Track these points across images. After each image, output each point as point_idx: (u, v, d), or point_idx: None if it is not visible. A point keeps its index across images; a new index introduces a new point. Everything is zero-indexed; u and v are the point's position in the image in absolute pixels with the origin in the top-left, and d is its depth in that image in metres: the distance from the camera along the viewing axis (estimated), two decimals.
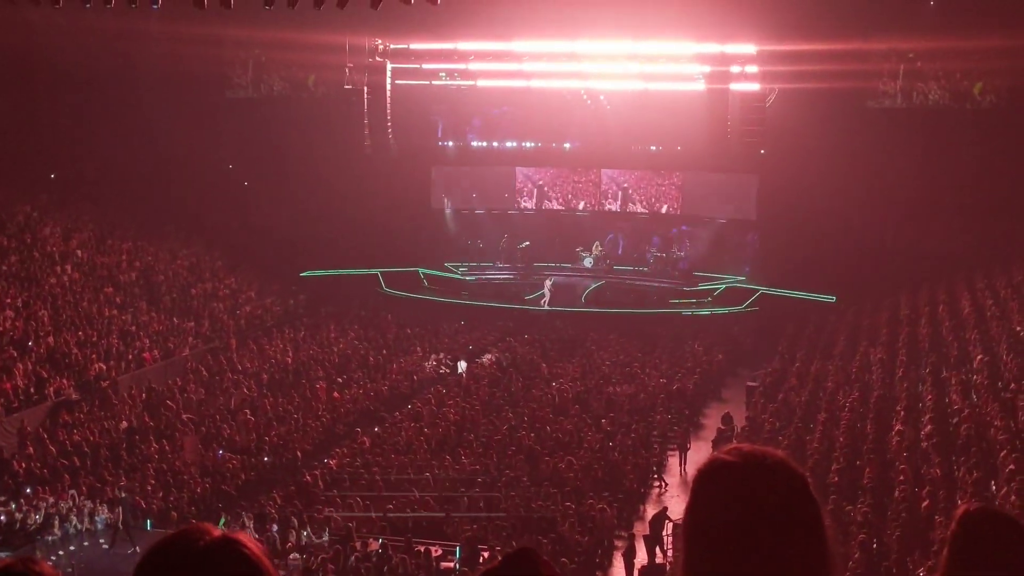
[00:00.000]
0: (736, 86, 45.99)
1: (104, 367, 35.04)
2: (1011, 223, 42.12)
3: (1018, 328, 32.32)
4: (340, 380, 37.16)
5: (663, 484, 29.34)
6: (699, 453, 30.97)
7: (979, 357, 30.52)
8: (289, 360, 39.01)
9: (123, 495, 26.61)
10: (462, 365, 39.76)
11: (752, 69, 45.86)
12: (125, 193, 48.75)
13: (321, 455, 30.53)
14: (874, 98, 44.15)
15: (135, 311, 40.01)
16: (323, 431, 32.27)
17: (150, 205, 48.80)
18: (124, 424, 31.80)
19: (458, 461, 28.33)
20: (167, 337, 39.12)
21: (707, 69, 46.46)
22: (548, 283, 47.35)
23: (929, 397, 28.57)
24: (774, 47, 44.37)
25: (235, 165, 53.31)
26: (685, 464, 30.06)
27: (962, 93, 46.44)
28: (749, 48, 45.69)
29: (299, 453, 30.34)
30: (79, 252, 42.64)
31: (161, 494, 27.20)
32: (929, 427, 25.90)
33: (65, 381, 33.49)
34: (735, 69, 46.02)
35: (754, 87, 45.84)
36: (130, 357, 36.66)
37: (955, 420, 26.38)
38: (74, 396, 33.18)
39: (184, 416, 32.88)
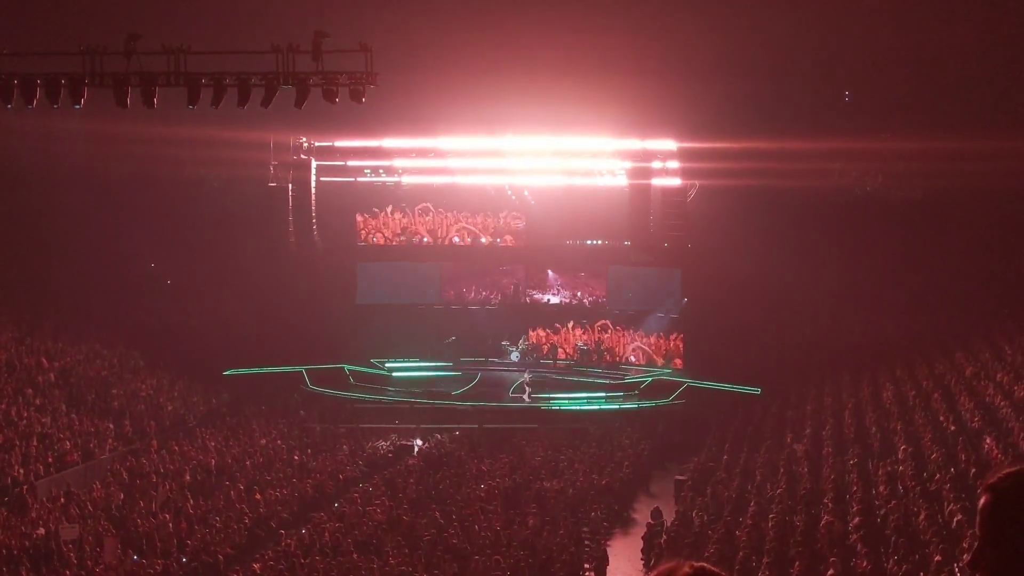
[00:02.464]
0: (658, 181, 46.66)
1: (23, 471, 34.20)
2: (930, 315, 42.94)
3: (942, 419, 32.75)
4: (267, 477, 36.64)
5: None
6: (629, 548, 30.84)
7: (902, 448, 30.83)
8: (212, 460, 38.35)
9: None
10: (418, 443, 40.13)
11: (673, 164, 46.64)
12: (45, 293, 48.03)
13: (245, 558, 29.89)
14: (793, 194, 44.96)
15: (54, 413, 39.21)
16: (246, 533, 31.64)
17: (71, 304, 48.10)
18: (41, 530, 30.93)
19: (386, 562, 27.86)
20: (87, 439, 38.32)
21: (628, 165, 47.13)
22: (526, 376, 47.20)
23: (856, 489, 28.74)
24: (694, 144, 45.22)
25: (157, 263, 52.82)
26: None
27: (881, 190, 47.51)
28: (669, 144, 46.49)
29: (221, 556, 29.67)
30: None
31: None
32: (857, 519, 26.01)
33: None
34: (656, 164, 46.74)
35: (675, 182, 46.56)
36: (49, 460, 35.83)
37: (882, 511, 26.53)
38: None
39: (103, 520, 32.09)
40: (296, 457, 39.21)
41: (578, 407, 45.55)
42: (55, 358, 43.66)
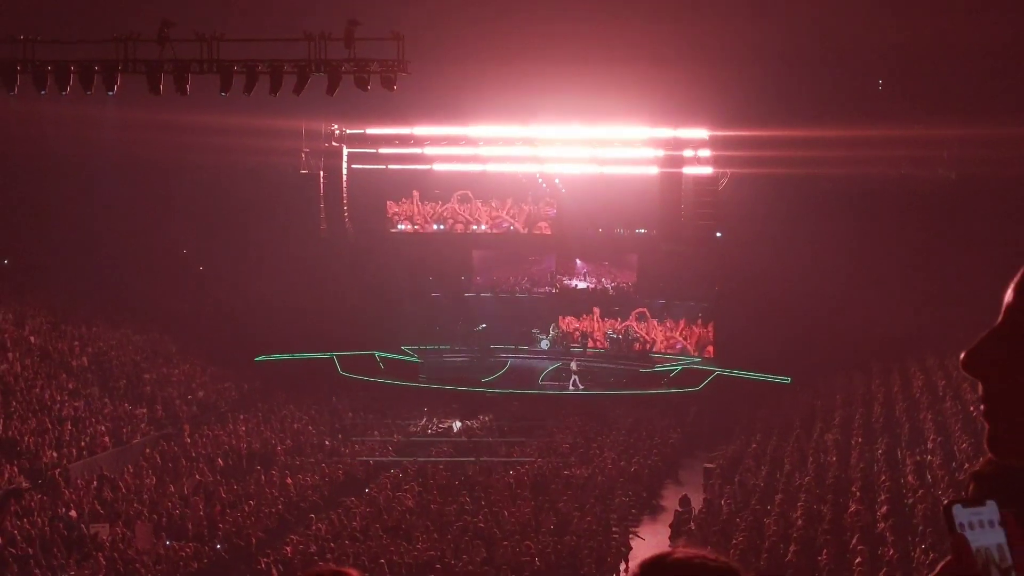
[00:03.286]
0: (689, 170, 46.57)
1: (56, 455, 34.55)
2: (961, 304, 42.59)
3: (972, 409, 32.57)
4: (298, 462, 36.91)
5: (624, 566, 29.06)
6: (657, 536, 30.88)
7: (932, 437, 30.74)
8: (243, 446, 38.63)
9: None
10: (456, 425, 40.41)
11: (705, 153, 46.53)
12: (79, 279, 48.40)
13: (276, 541, 30.13)
14: (825, 182, 44.78)
15: (88, 397, 39.56)
16: (278, 517, 31.89)
17: (104, 290, 48.48)
18: (73, 513, 31.27)
19: (414, 547, 28.04)
20: (120, 423, 38.65)
21: (660, 153, 47.03)
22: (573, 365, 47.24)
23: (884, 478, 28.68)
24: (726, 132, 45.10)
25: (189, 250, 53.17)
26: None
27: (913, 178, 47.21)
28: (701, 133, 46.39)
29: (253, 540, 29.93)
30: (32, 338, 42.20)
31: None
32: (885, 508, 25.99)
33: (15, 469, 32.96)
34: (688, 153, 46.64)
35: (707, 171, 46.46)
36: (82, 444, 36.17)
37: (910, 501, 26.48)
38: (24, 485, 32.65)
39: (136, 504, 32.40)
40: (327, 442, 39.49)
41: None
42: (88, 343, 44.06)
